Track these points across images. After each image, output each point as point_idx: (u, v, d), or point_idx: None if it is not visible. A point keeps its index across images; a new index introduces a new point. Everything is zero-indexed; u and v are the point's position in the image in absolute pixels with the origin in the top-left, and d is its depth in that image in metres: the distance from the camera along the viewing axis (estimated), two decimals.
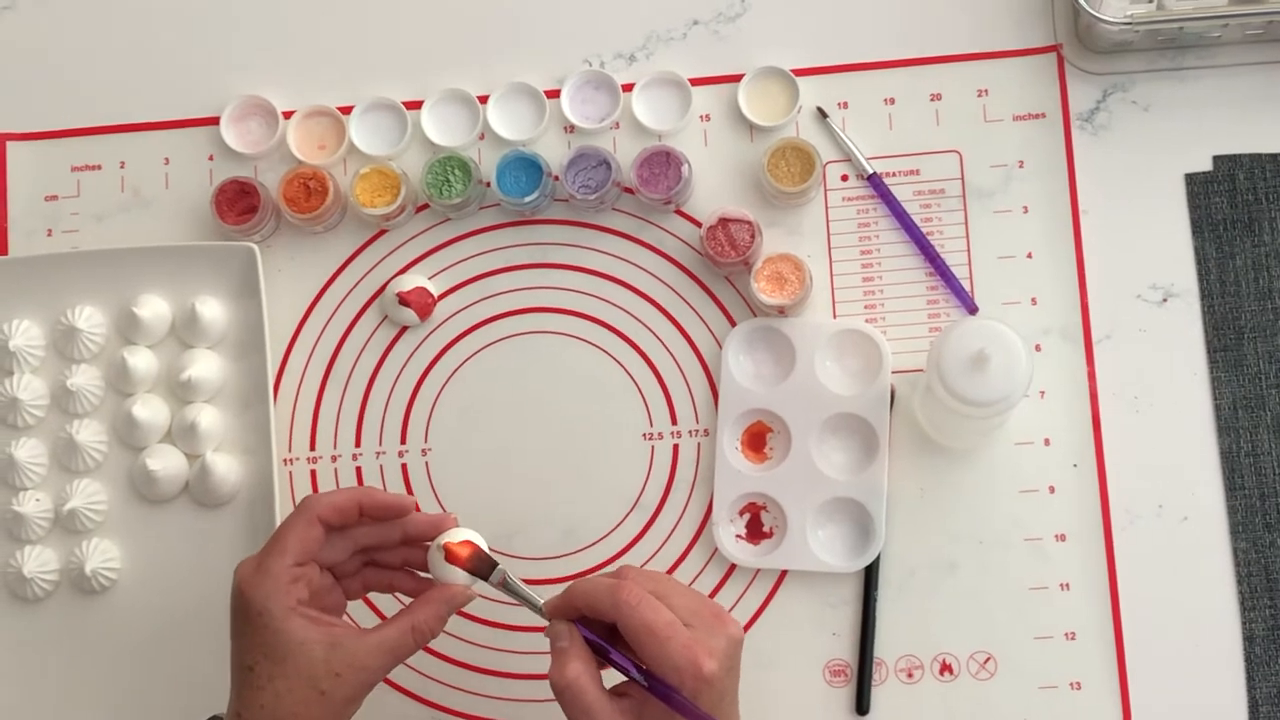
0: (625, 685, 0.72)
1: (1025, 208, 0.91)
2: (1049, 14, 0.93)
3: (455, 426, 0.92)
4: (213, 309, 0.91)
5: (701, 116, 0.94)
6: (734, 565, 0.89)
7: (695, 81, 0.93)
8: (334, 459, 0.92)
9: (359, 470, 0.92)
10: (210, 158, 0.96)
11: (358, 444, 0.92)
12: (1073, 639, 0.87)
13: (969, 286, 0.90)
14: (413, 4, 0.96)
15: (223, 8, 0.97)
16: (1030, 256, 0.90)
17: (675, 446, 0.91)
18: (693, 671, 0.68)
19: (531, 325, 0.93)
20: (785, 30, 0.94)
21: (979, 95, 0.92)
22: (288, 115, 0.95)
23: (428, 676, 0.90)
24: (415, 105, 0.94)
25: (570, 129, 0.94)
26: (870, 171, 0.92)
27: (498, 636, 0.90)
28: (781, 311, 0.90)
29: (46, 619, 0.91)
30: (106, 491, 0.91)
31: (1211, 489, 0.88)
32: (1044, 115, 0.92)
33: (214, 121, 0.95)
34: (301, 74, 0.96)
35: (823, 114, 0.93)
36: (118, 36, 0.97)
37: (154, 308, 0.91)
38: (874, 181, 0.92)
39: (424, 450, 0.92)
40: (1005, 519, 0.88)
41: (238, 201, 0.92)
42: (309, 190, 0.92)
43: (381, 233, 0.94)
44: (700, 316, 0.92)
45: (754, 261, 0.89)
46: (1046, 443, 0.89)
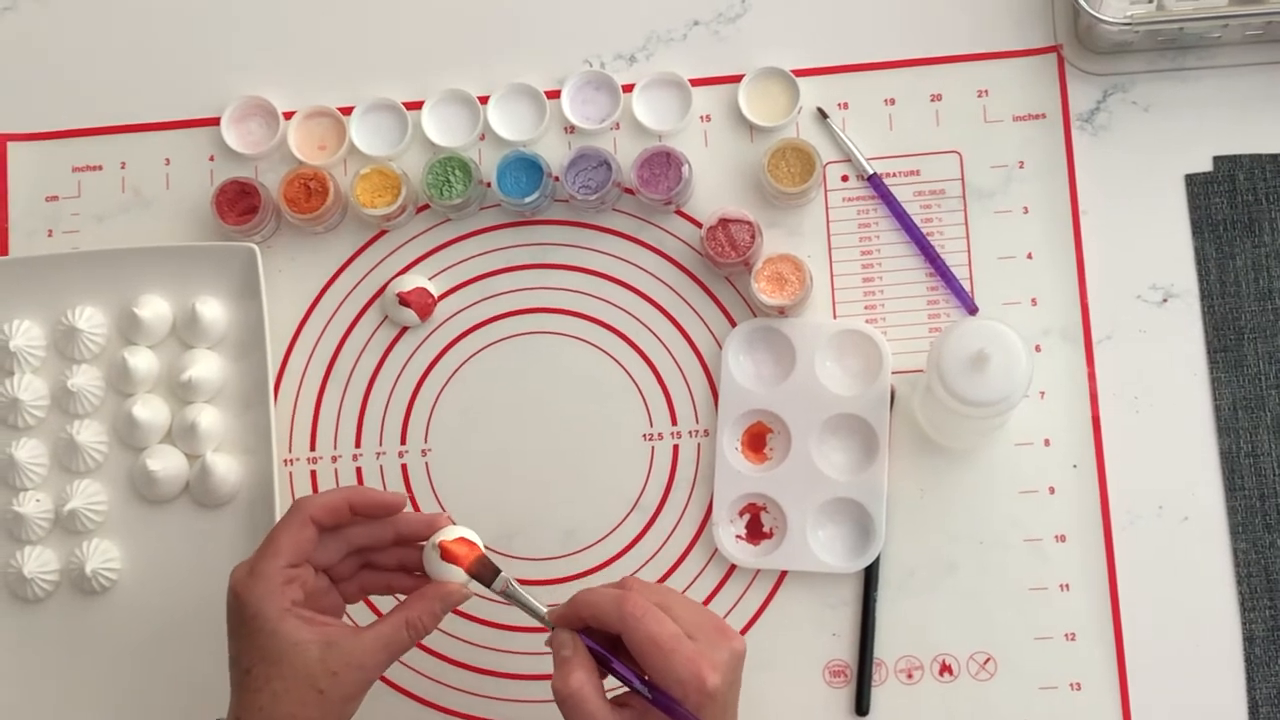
0: (626, 696, 0.72)
1: (1025, 208, 0.91)
2: (1049, 14, 0.93)
3: (455, 427, 0.92)
4: (213, 309, 0.91)
5: (702, 117, 0.94)
6: (734, 566, 0.89)
7: (695, 82, 0.93)
8: (334, 459, 0.92)
9: (359, 471, 0.92)
10: (211, 158, 0.96)
11: (358, 444, 0.92)
12: (1073, 640, 0.87)
13: (969, 287, 0.90)
14: (413, 4, 0.96)
15: (223, 8, 0.97)
16: (1030, 257, 0.90)
17: (675, 447, 0.91)
18: (696, 685, 0.68)
19: (532, 326, 0.93)
20: (785, 31, 0.94)
21: (979, 96, 0.92)
22: (288, 116, 0.95)
23: (427, 677, 0.90)
24: (416, 106, 0.94)
25: (570, 129, 0.94)
26: (870, 172, 0.92)
27: (496, 637, 0.90)
28: (781, 312, 0.90)
29: (47, 619, 0.91)
30: (107, 492, 0.91)
31: (1211, 489, 0.88)
32: (1044, 116, 0.92)
33: (215, 122, 0.95)
34: (302, 74, 0.96)
35: (823, 114, 0.93)
36: (118, 37, 0.97)
37: (154, 308, 0.91)
38: (874, 182, 0.92)
39: (424, 451, 0.92)
40: (1005, 519, 0.88)
41: (238, 202, 0.92)
42: (309, 191, 0.92)
43: (382, 233, 0.94)
44: (700, 317, 0.92)
45: (754, 262, 0.89)
46: (1046, 443, 0.89)
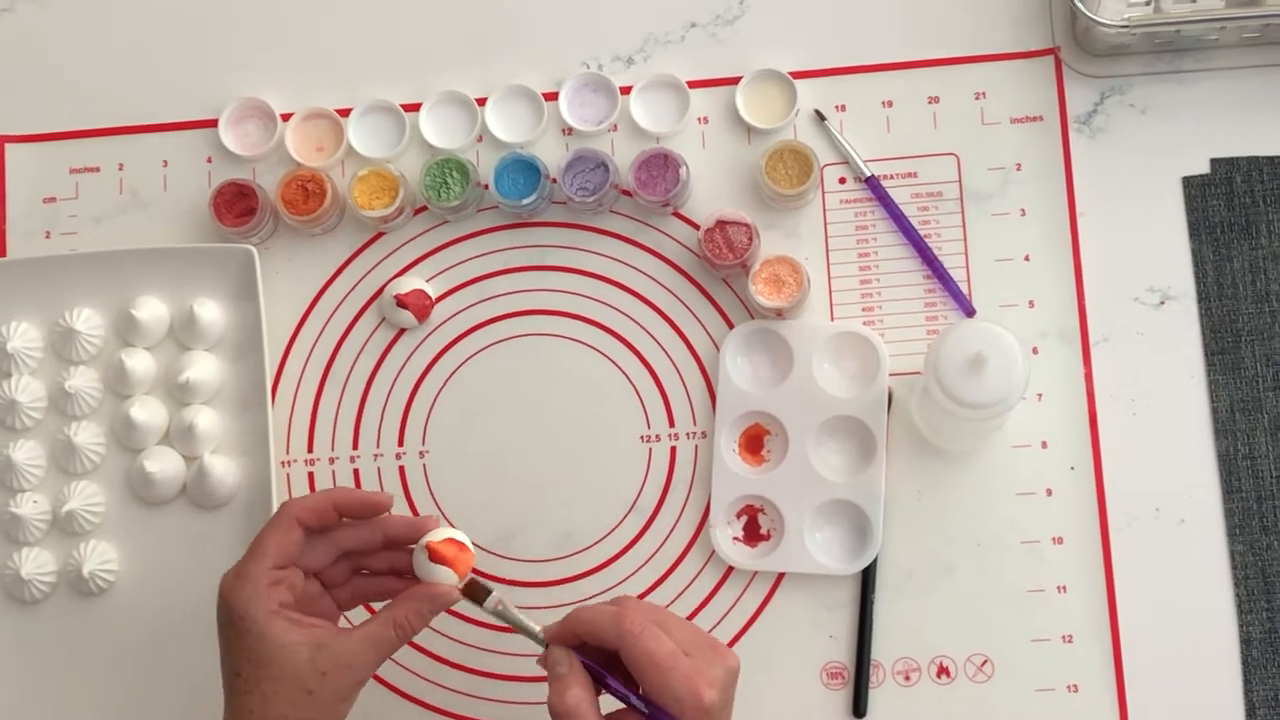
0: (620, 713, 0.72)
1: (1023, 210, 0.91)
2: (1046, 17, 0.93)
3: (453, 429, 0.92)
4: (211, 311, 0.91)
5: (699, 119, 0.94)
6: (731, 568, 0.89)
7: (693, 84, 0.93)
8: (332, 461, 0.92)
9: (356, 473, 0.92)
10: (209, 160, 0.96)
11: (355, 446, 0.92)
12: (1070, 641, 0.87)
13: (966, 289, 0.90)
14: (411, 6, 0.97)
15: (222, 9, 0.97)
16: (1028, 259, 0.90)
17: (673, 449, 0.91)
18: (694, 701, 0.68)
19: (529, 328, 0.93)
20: (783, 33, 0.94)
21: (976, 98, 0.92)
22: (286, 118, 0.95)
23: (422, 677, 0.90)
24: (413, 108, 0.94)
25: (568, 131, 0.94)
26: (868, 174, 0.92)
27: (491, 638, 0.90)
28: (779, 314, 0.90)
29: (45, 621, 0.91)
30: (104, 493, 0.91)
31: (1209, 491, 0.88)
32: (1041, 118, 0.92)
33: (212, 124, 0.95)
34: (300, 76, 0.96)
35: (820, 116, 0.93)
36: (117, 38, 0.98)
37: (152, 309, 0.91)
38: (872, 184, 0.92)
39: (421, 452, 0.92)
40: (1002, 521, 0.88)
41: (236, 203, 0.92)
42: (307, 192, 0.92)
43: (379, 235, 0.94)
44: (698, 319, 0.92)
45: (752, 264, 0.89)
46: (1044, 445, 0.89)
